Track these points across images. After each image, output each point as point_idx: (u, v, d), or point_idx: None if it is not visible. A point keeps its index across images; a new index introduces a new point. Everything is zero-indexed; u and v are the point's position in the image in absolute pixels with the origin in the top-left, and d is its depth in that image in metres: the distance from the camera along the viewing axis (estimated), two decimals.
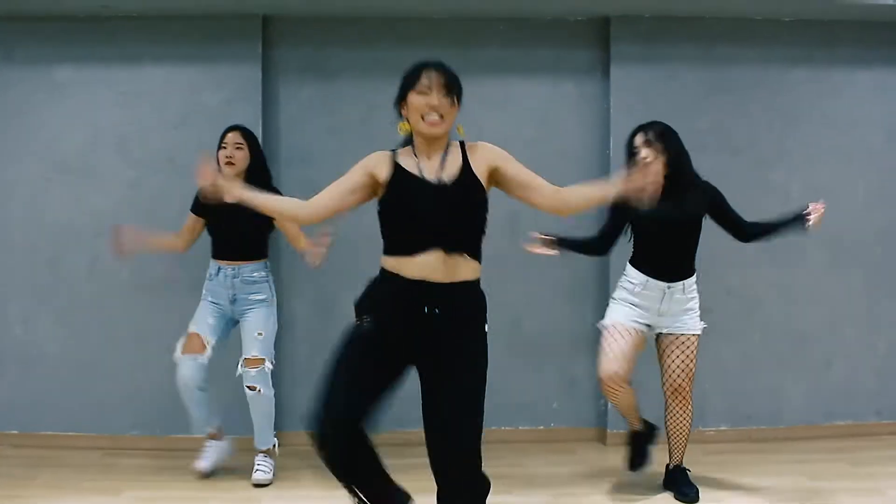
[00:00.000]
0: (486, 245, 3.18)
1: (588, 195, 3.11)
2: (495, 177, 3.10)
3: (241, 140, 4.59)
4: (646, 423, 4.43)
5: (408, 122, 3.05)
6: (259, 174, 4.60)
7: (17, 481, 4.59)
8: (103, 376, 5.27)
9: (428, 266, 2.94)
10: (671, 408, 4.33)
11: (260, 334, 4.57)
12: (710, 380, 5.37)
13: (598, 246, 4.38)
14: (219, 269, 4.63)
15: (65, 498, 4.36)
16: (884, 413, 5.56)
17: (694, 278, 4.31)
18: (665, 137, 4.20)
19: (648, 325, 4.28)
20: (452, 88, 3.02)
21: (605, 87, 5.44)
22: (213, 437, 4.71)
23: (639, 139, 4.18)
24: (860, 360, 5.56)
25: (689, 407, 4.31)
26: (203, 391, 4.53)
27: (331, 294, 5.31)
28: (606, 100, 5.43)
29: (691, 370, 4.28)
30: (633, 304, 4.26)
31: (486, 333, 3.07)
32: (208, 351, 4.53)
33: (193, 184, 3.67)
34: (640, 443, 4.44)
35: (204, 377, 4.52)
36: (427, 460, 3.04)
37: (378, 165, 3.04)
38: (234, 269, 4.60)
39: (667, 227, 4.20)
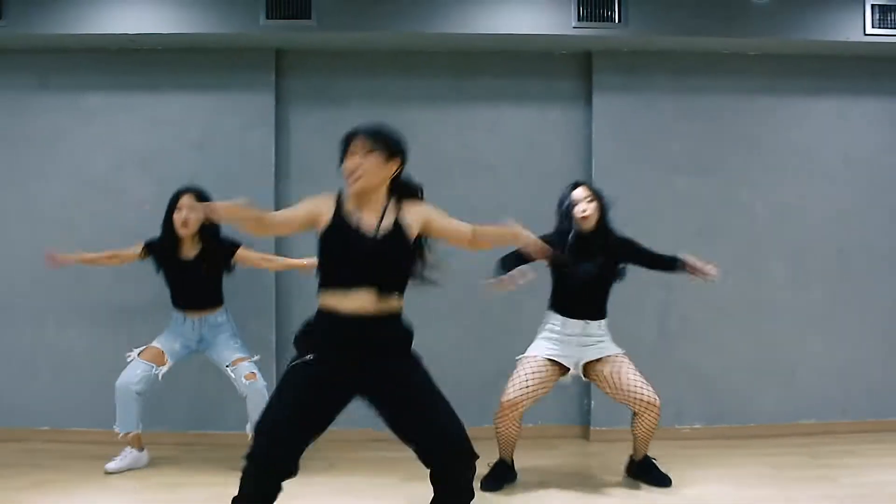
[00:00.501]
0: (480, 258, 3.54)
1: (497, 235, 3.35)
2: (426, 229, 3.40)
3: (194, 202, 4.80)
4: (512, 462, 4.72)
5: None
6: (211, 230, 4.92)
7: (51, 471, 4.95)
8: None
9: (362, 302, 3.26)
10: (643, 417, 4.59)
11: (236, 343, 4.98)
12: (685, 381, 5.79)
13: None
14: (185, 318, 4.98)
15: (97, 484, 4.74)
16: (849, 412, 5.94)
17: (606, 320, 4.66)
18: (601, 196, 4.61)
19: (569, 364, 4.58)
20: (375, 146, 3.37)
21: (587, 115, 5.85)
22: (131, 443, 4.99)
23: (580, 193, 4.57)
24: (823, 365, 5.94)
25: (659, 412, 4.59)
26: (140, 396, 4.88)
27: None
28: (589, 126, 5.84)
29: (642, 379, 4.58)
30: (555, 341, 4.59)
31: (418, 356, 3.39)
32: (164, 368, 4.92)
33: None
34: (501, 473, 4.68)
35: (147, 387, 4.89)
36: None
37: (323, 207, 3.35)
38: (200, 320, 4.99)
39: (586, 282, 4.57)
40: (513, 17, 5.47)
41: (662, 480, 4.68)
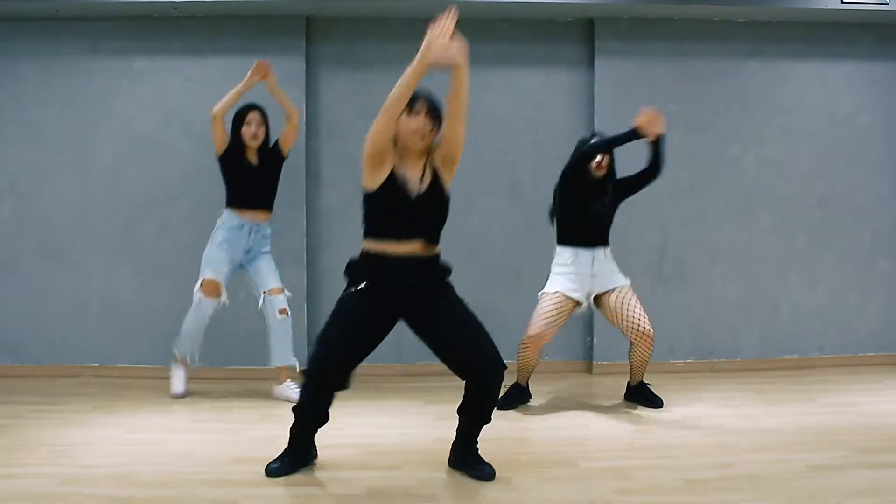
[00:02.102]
0: (494, 206, 3.97)
1: (450, 97, 3.68)
2: (445, 159, 3.76)
3: (261, 119, 5.32)
4: (528, 386, 5.28)
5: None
6: (269, 143, 5.41)
7: (108, 399, 5.46)
8: (170, 319, 5.95)
9: (409, 249, 3.68)
10: (638, 346, 5.13)
11: (275, 270, 5.45)
12: (678, 319, 6.31)
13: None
14: (242, 224, 5.33)
15: (152, 407, 5.26)
16: (825, 348, 6.48)
17: (610, 248, 5.20)
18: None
19: (581, 299, 5.09)
20: (436, 115, 3.72)
21: (590, 77, 6.30)
22: (182, 363, 5.52)
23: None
24: (804, 305, 6.46)
25: (652, 343, 5.13)
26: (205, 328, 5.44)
27: (359, 249, 6.18)
28: (591, 87, 6.29)
29: (643, 311, 5.11)
30: (569, 276, 5.10)
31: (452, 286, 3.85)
32: (223, 297, 5.39)
33: None
34: (517, 393, 5.22)
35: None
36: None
37: (388, 158, 3.67)
38: (254, 227, 5.38)
39: (598, 217, 5.13)
40: None
41: (655, 402, 5.23)
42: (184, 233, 6.10)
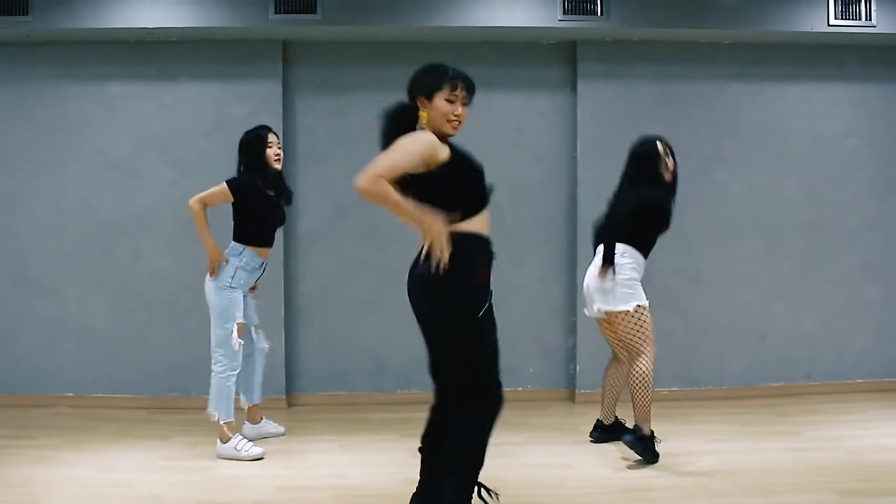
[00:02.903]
0: None
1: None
2: None
3: (278, 140, 5.13)
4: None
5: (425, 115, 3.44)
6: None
7: (81, 432, 5.40)
8: (146, 347, 6.07)
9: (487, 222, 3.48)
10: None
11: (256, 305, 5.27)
12: (662, 346, 6.19)
13: None
14: (262, 262, 5.04)
15: (124, 442, 5.18)
16: (813, 376, 6.40)
17: None
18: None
19: None
20: (470, 102, 3.50)
21: (573, 101, 6.25)
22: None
23: (661, 147, 4.91)
24: (791, 331, 6.39)
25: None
26: None
27: (338, 277, 6.17)
28: (574, 111, 6.24)
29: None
30: (640, 280, 4.88)
31: None
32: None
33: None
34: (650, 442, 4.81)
35: None
36: None
37: (438, 148, 3.36)
38: (265, 263, 5.11)
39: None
40: (504, 10, 5.86)
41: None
42: (159, 260, 6.07)
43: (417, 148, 3.31)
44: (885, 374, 6.46)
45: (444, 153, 3.36)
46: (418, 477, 3.66)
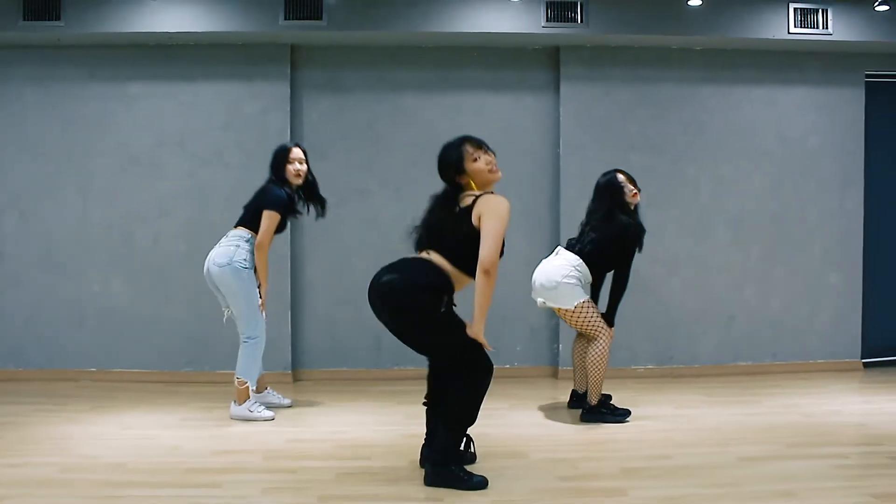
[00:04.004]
0: None
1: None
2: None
3: (303, 156, 5.42)
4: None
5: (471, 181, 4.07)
6: (313, 184, 5.52)
7: (104, 401, 5.85)
8: (163, 326, 6.51)
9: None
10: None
11: None
12: (639, 328, 6.69)
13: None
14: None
15: (145, 407, 5.65)
16: (778, 356, 6.86)
17: None
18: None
19: None
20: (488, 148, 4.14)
21: (556, 101, 6.69)
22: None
23: (622, 177, 5.36)
24: (758, 315, 6.85)
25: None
26: None
27: (340, 261, 6.62)
28: (557, 111, 6.69)
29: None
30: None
31: None
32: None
33: (237, 175, 5.36)
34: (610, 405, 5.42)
35: None
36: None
37: None
38: None
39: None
40: (492, 18, 6.31)
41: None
42: (176, 244, 6.50)
43: (504, 221, 3.97)
44: (844, 356, 6.92)
45: None
46: (425, 429, 4.27)
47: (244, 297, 5.34)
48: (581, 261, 5.30)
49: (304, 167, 5.44)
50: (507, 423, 5.26)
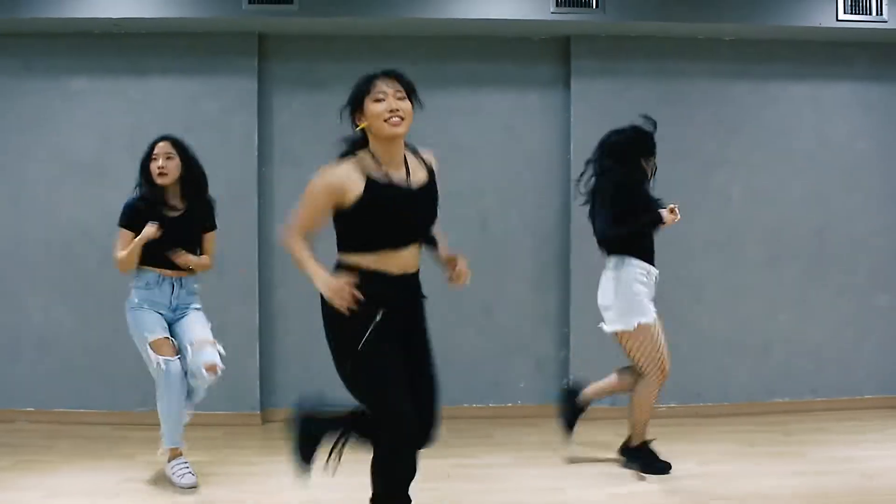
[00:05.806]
0: (461, 240, 3.69)
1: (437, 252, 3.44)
2: None
3: (171, 150, 4.55)
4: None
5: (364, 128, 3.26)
6: (194, 182, 4.62)
7: (37, 450, 5.11)
8: (112, 358, 5.77)
9: (407, 259, 3.30)
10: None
11: (208, 323, 4.66)
12: None
13: None
14: (160, 278, 4.56)
15: (83, 463, 4.89)
16: (819, 391, 6.15)
17: None
18: None
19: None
20: (409, 91, 3.24)
21: (566, 99, 6.01)
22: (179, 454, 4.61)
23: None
24: (796, 344, 6.14)
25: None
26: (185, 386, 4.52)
27: (314, 287, 5.85)
28: (568, 110, 6.00)
29: None
30: (648, 294, 4.64)
31: None
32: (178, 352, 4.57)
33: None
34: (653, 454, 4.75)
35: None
36: None
37: (346, 184, 3.18)
38: (177, 281, 4.59)
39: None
40: (492, 2, 5.62)
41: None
42: None
43: (312, 198, 3.27)
44: None
45: (352, 193, 3.18)
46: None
47: (135, 338, 4.60)
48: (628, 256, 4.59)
49: (172, 162, 4.54)
50: (509, 488, 4.47)
